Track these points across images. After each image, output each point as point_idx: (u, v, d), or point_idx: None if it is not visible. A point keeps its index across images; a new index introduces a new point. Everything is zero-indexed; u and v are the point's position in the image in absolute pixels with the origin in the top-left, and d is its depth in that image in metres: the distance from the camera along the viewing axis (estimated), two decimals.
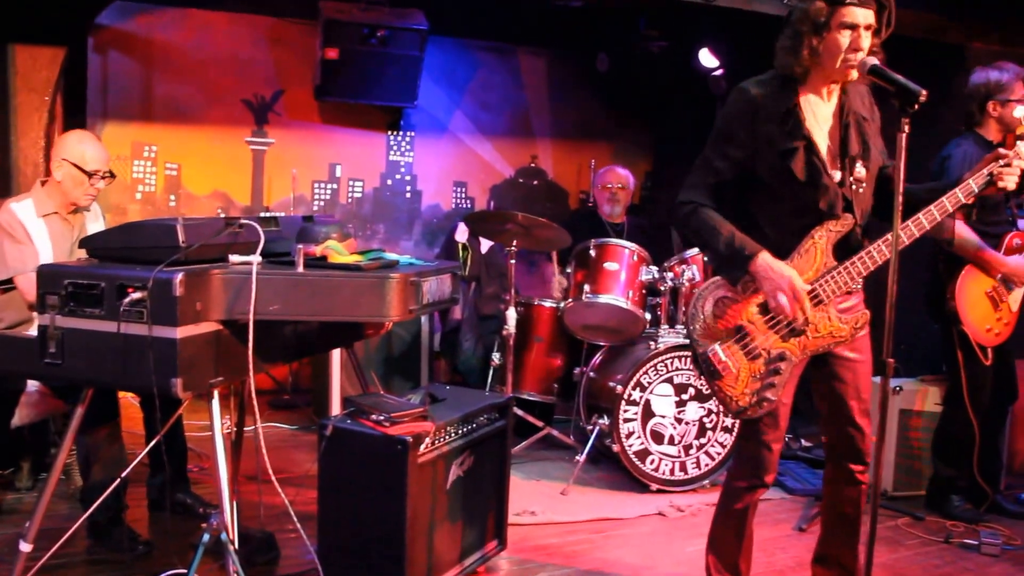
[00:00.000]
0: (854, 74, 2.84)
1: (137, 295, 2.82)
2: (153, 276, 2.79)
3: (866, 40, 2.82)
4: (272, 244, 3.25)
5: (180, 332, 2.81)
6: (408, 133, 6.90)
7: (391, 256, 3.49)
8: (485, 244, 6.19)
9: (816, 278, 2.93)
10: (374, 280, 3.09)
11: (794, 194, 2.91)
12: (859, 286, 3.04)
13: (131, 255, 3.00)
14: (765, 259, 2.87)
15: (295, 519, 3.06)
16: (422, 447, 3.17)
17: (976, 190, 2.90)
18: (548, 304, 5.42)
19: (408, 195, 6.97)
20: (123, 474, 3.34)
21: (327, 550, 3.26)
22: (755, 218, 3.01)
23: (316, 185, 6.66)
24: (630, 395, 4.78)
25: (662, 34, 6.28)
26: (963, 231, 4.32)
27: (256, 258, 3.06)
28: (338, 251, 3.31)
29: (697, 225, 3.00)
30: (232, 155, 6.39)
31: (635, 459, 4.82)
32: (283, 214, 5.85)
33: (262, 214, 4.30)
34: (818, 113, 2.95)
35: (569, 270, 5.23)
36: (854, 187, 2.95)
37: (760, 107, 2.92)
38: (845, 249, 2.94)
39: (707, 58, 6.32)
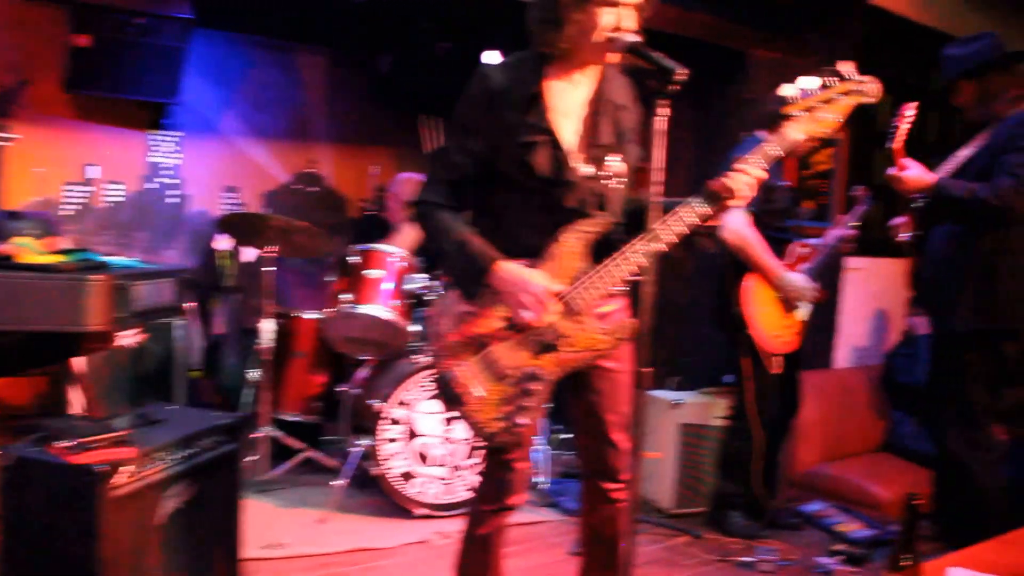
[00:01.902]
0: (611, 56, 2.61)
1: None
2: None
3: (630, 20, 2.58)
4: None
5: None
6: (174, 133, 6.37)
7: (101, 257, 3.07)
8: (250, 252, 5.76)
9: (568, 285, 2.65)
10: (69, 283, 2.71)
11: (540, 191, 2.66)
12: (624, 289, 2.78)
13: None
14: (504, 268, 2.60)
15: None
16: (120, 477, 2.74)
17: (704, 211, 2.64)
18: (310, 316, 5.04)
19: (173, 200, 6.44)
20: None
21: None
22: (501, 218, 2.72)
23: (68, 187, 6.05)
24: (392, 413, 4.46)
25: (447, 35, 6.03)
26: (744, 232, 4.23)
27: None
28: (30, 249, 2.88)
29: (431, 230, 2.71)
30: None
31: (399, 483, 4.49)
32: None
33: None
34: (567, 100, 2.71)
35: (331, 278, 4.88)
36: (608, 182, 2.71)
37: (501, 94, 2.65)
38: (604, 251, 2.67)
39: (494, 61, 6.05)
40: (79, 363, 4.58)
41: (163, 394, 5.38)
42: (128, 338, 4.99)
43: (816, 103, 2.71)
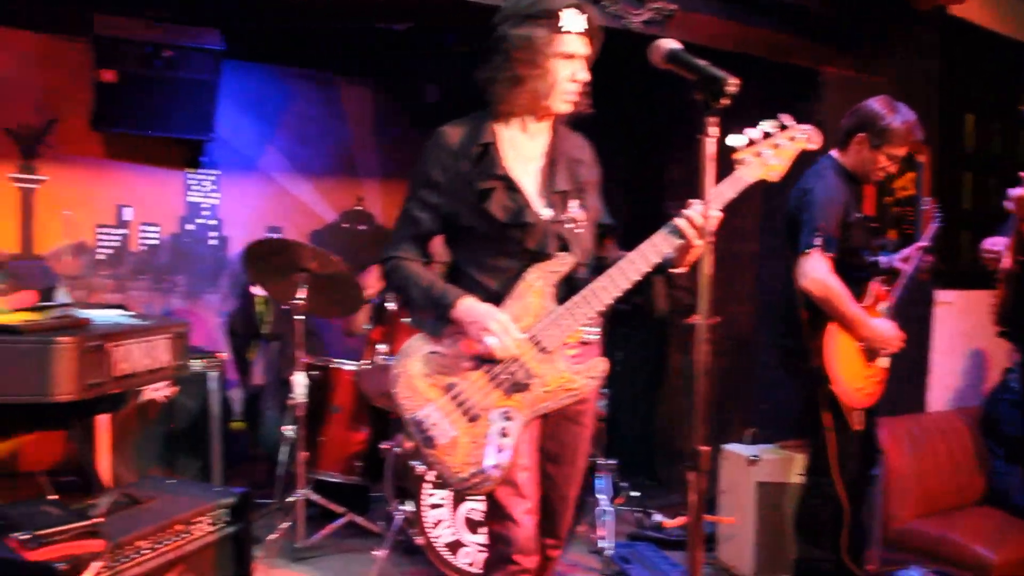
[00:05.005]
0: (564, 107, 2.66)
1: None
2: None
3: (583, 71, 2.64)
4: None
5: None
6: (211, 171, 6.04)
7: (85, 313, 2.67)
8: None
9: (535, 324, 2.61)
10: (31, 346, 2.29)
11: (500, 237, 2.66)
12: (594, 336, 2.74)
13: None
14: (467, 303, 2.58)
15: None
16: (88, 575, 2.31)
17: (666, 249, 2.60)
18: (347, 367, 4.61)
19: (213, 242, 6.10)
20: None
21: None
22: (467, 271, 2.73)
23: (101, 230, 5.74)
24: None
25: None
26: (828, 280, 3.68)
27: None
28: None
29: (398, 281, 2.72)
30: None
31: (445, 553, 4.02)
32: None
33: None
34: (521, 150, 2.73)
35: (368, 326, 4.47)
36: (570, 226, 2.70)
37: (455, 148, 2.70)
38: (569, 292, 2.65)
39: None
40: (102, 423, 4.23)
41: (198, 451, 5.03)
42: (158, 393, 4.64)
43: (764, 148, 2.69)
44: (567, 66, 2.60)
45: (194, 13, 5.18)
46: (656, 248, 2.58)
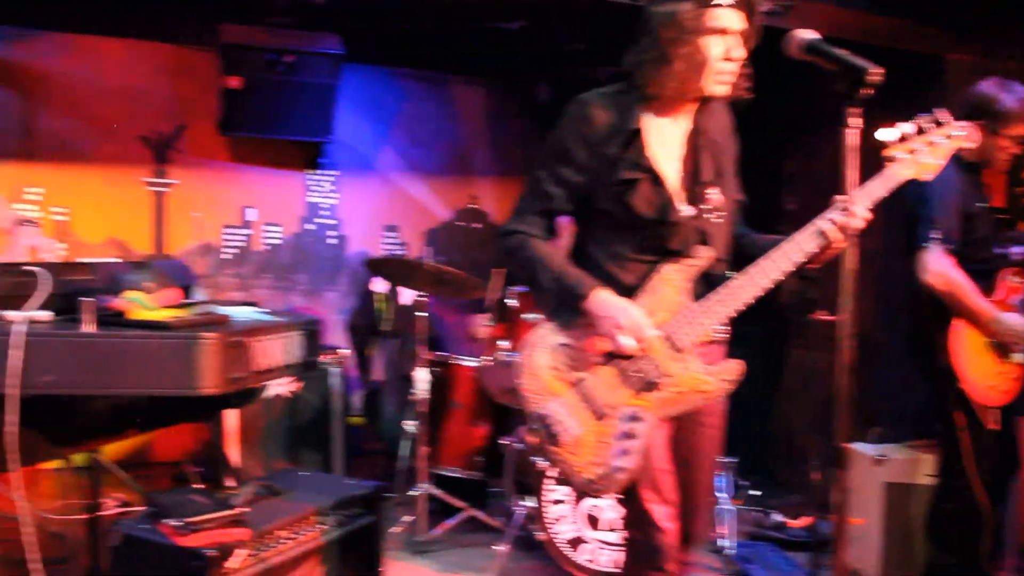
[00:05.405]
0: (719, 88, 2.44)
1: None
2: None
3: (739, 48, 2.41)
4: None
5: None
6: (330, 172, 6.20)
7: (223, 310, 2.78)
8: (407, 295, 5.48)
9: (670, 320, 2.47)
10: (180, 342, 2.41)
11: (640, 231, 2.50)
12: (723, 335, 2.59)
13: None
14: (601, 296, 2.42)
15: None
16: (234, 561, 2.41)
17: (811, 249, 2.45)
18: (468, 363, 4.67)
19: (332, 241, 6.26)
20: None
21: None
22: (597, 260, 2.55)
23: (226, 231, 5.95)
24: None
25: (608, 58, 5.66)
26: (950, 274, 3.59)
27: (41, 314, 2.38)
28: (142, 305, 2.60)
29: (524, 260, 2.53)
30: (129, 198, 5.68)
31: (567, 549, 4.05)
32: (116, 259, 5.11)
33: (80, 259, 3.63)
34: (666, 137, 2.53)
35: (489, 323, 4.52)
36: (710, 217, 2.54)
37: (602, 128, 2.48)
38: (706, 287, 2.51)
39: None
40: (231, 416, 4.39)
41: (320, 444, 5.16)
42: (282, 388, 4.79)
43: (918, 146, 2.55)
44: (719, 43, 2.38)
45: (314, 19, 5.32)
46: (800, 248, 2.44)
